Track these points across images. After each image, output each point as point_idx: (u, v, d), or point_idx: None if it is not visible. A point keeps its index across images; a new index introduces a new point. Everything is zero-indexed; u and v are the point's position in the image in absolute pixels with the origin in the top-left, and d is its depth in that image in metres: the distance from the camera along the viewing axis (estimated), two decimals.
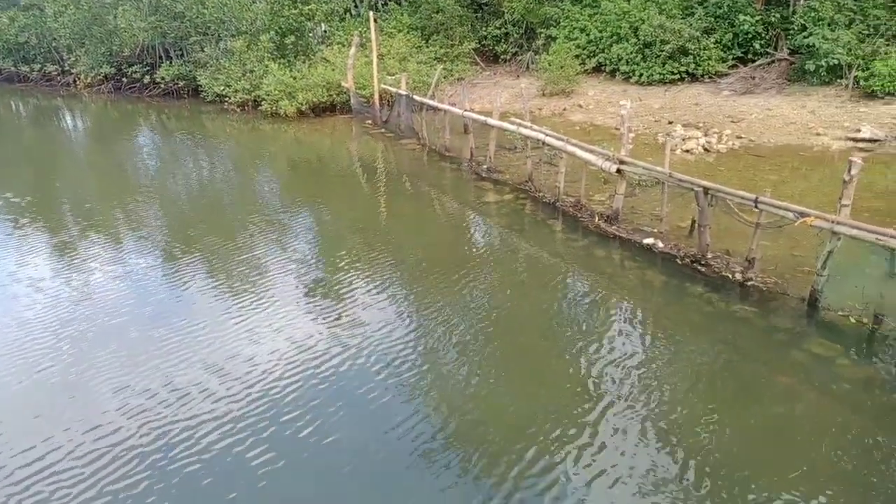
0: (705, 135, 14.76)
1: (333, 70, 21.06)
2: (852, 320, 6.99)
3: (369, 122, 19.49)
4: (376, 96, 19.41)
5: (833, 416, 5.70)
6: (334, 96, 20.82)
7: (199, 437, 5.48)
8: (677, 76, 18.93)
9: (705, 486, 4.88)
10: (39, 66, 31.33)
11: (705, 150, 14.01)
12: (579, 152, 10.95)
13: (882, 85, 15.14)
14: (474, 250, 9.96)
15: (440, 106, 16.07)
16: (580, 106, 18.70)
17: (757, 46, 18.51)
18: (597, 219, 10.36)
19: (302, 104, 20.22)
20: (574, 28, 21.45)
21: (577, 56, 20.56)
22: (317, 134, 18.88)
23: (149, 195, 13.35)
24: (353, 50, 20.13)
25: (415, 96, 17.27)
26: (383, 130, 18.47)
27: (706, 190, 8.61)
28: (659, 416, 5.67)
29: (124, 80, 27.91)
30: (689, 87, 18.61)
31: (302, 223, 11.40)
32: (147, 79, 26.91)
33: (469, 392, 6.12)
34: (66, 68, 30.42)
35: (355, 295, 8.16)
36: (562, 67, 19.86)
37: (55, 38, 29.49)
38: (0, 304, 8.07)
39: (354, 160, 16.32)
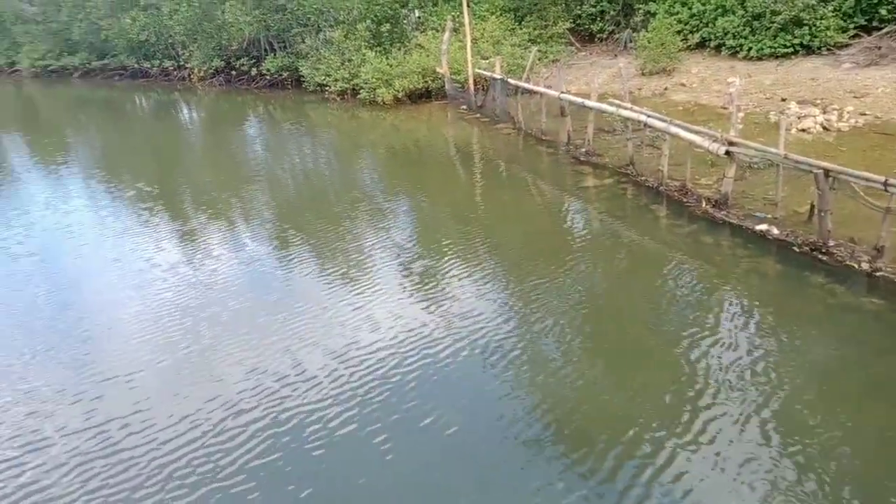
0: (823, 112, 13.78)
1: (428, 56, 21.32)
2: None
3: (464, 107, 19.64)
4: (471, 81, 19.50)
5: None
6: (429, 82, 21.10)
7: (328, 421, 5.78)
8: (790, 49, 17.68)
9: (827, 494, 4.71)
10: (158, 61, 33.77)
11: (824, 128, 13.09)
12: (684, 133, 10.59)
13: None
14: (574, 236, 9.92)
15: (535, 89, 15.95)
16: (683, 85, 17.93)
17: (883, 13, 16.94)
18: (704, 204, 10.01)
19: (398, 91, 20.66)
20: (675, 2, 20.48)
21: (678, 32, 19.66)
22: (413, 121, 19.27)
23: (261, 184, 14.21)
24: (446, 35, 20.29)
25: (509, 80, 17.22)
26: (478, 115, 18.57)
27: (827, 172, 8.12)
28: (776, 415, 5.49)
29: (233, 72, 29.57)
30: (803, 60, 17.37)
31: (403, 210, 11.78)
32: (254, 71, 28.35)
33: (573, 383, 6.18)
34: (182, 63, 32.60)
35: (458, 283, 8.38)
36: (662, 44, 19.08)
37: (171, 35, 31.63)
38: (142, 287, 8.92)
39: (451, 146, 16.55)
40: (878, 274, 7.48)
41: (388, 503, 4.91)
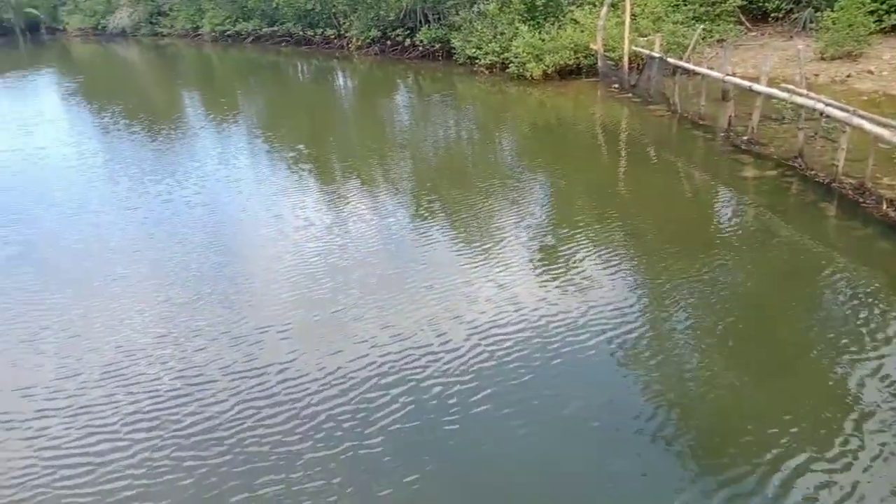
0: None
1: (582, 32, 20.74)
2: None
3: (616, 86, 18.95)
4: (626, 59, 18.73)
5: None
6: (581, 59, 20.56)
7: (466, 396, 5.84)
8: None
9: None
10: (321, 30, 35.77)
11: None
12: (869, 126, 9.49)
13: None
14: (724, 229, 9.33)
15: (698, 69, 14.99)
16: (870, 72, 16.01)
17: None
18: (885, 205, 8.98)
19: (549, 67, 20.34)
20: None
21: (871, 12, 17.49)
22: (561, 97, 18.94)
23: (407, 152, 14.75)
24: (604, 10, 19.58)
25: (668, 59, 16.34)
26: (630, 95, 17.85)
27: None
28: None
29: (388, 42, 30.64)
30: None
31: (539, 187, 11.70)
32: (408, 41, 29.19)
33: (703, 379, 5.90)
34: (342, 32, 34.30)
35: (587, 265, 8.20)
36: (850, 25, 17.08)
37: (334, 5, 33.30)
38: (298, 244, 9.52)
39: (598, 125, 16.11)
40: None
41: (515, 484, 4.95)
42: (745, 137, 12.67)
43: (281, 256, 9.14)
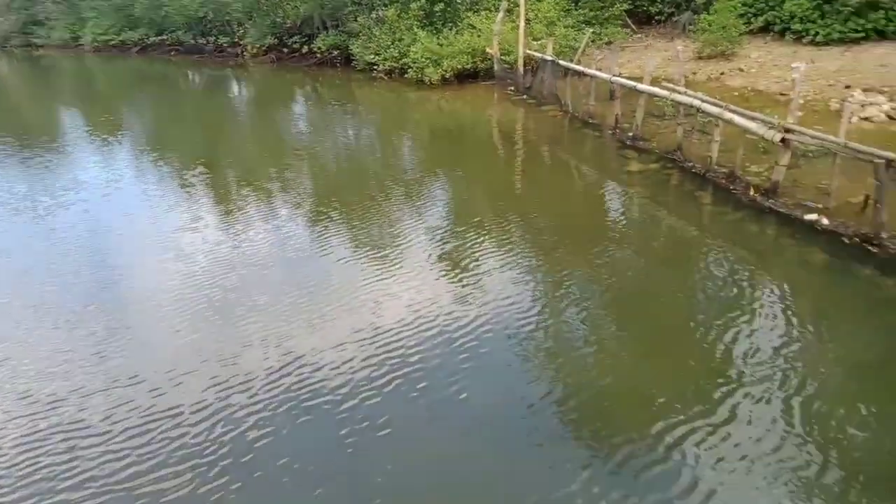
0: (890, 100, 12.99)
1: (479, 36, 21.08)
2: None
3: (511, 88, 19.36)
4: (521, 62, 19.19)
5: None
6: (478, 63, 20.88)
7: (355, 404, 5.71)
8: (862, 34, 16.71)
9: (844, 487, 4.48)
10: (214, 38, 34.45)
11: (889, 117, 12.35)
12: (738, 119, 10.15)
13: None
14: (614, 221, 9.68)
15: (586, 71, 15.55)
16: (741, 70, 17.19)
17: None
18: (752, 191, 9.60)
19: (447, 71, 20.51)
20: None
21: (741, 15, 18.83)
22: (459, 101, 19.14)
23: (303, 159, 14.37)
24: (500, 15, 19.99)
25: (560, 61, 16.86)
26: (525, 97, 18.28)
27: (890, 162, 7.66)
28: (808, 407, 5.26)
29: (285, 50, 29.92)
30: (874, 46, 16.39)
31: (439, 190, 11.72)
32: (305, 49, 28.62)
33: (596, 364, 6.07)
34: (236, 40, 33.17)
35: (486, 264, 8.26)
36: (724, 27, 18.30)
37: (228, 12, 32.19)
38: (183, 254, 9.13)
39: (494, 127, 16.38)
40: None
41: (415, 479, 4.90)
42: (631, 134, 13.24)
43: (162, 268, 8.63)
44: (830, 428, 5.02)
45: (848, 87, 14.19)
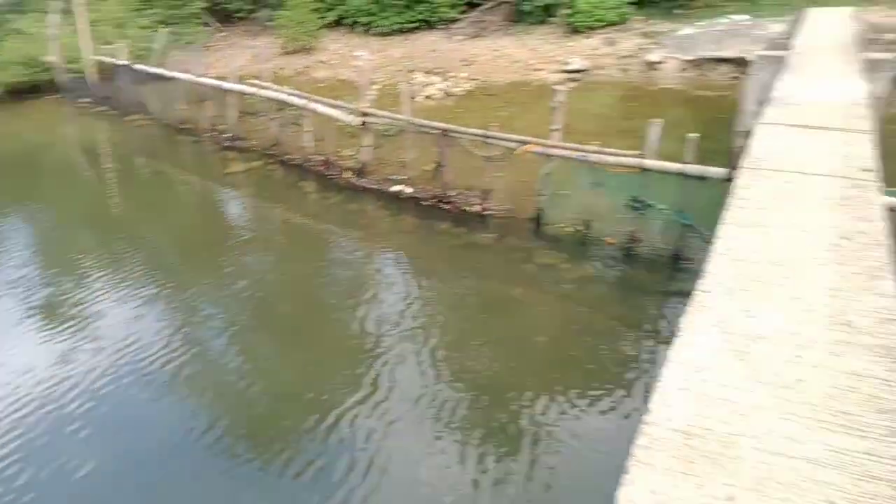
0: (444, 80, 15.41)
1: (32, 43, 17.84)
2: (569, 230, 7.93)
3: (87, 100, 16.96)
4: (91, 70, 16.93)
5: (563, 312, 6.54)
6: (38, 74, 17.71)
7: None
8: (415, 24, 19.36)
9: (477, 406, 5.25)
10: None
11: (446, 94, 14.65)
12: (322, 109, 10.70)
13: (583, 21, 17.05)
14: (229, 225, 9.40)
15: (168, 74, 14.53)
16: (323, 62, 18.31)
17: None
18: (347, 174, 10.30)
19: None
20: None
21: (315, 10, 19.95)
22: (21, 120, 16.00)
23: None
24: (53, 18, 17.19)
25: (136, 66, 15.39)
26: (105, 108, 16.23)
27: (443, 132, 8.97)
28: (433, 350, 5.98)
29: None
30: (426, 34, 19.18)
31: (17, 232, 9.64)
32: None
33: (244, 376, 5.84)
34: None
35: (100, 304, 7.14)
36: (301, 23, 19.16)
37: None
38: None
39: (72, 146, 14.22)
40: (486, 213, 8.59)
41: None
42: (229, 135, 12.91)
43: None
44: (455, 363, 5.76)
45: (411, 71, 16.33)
